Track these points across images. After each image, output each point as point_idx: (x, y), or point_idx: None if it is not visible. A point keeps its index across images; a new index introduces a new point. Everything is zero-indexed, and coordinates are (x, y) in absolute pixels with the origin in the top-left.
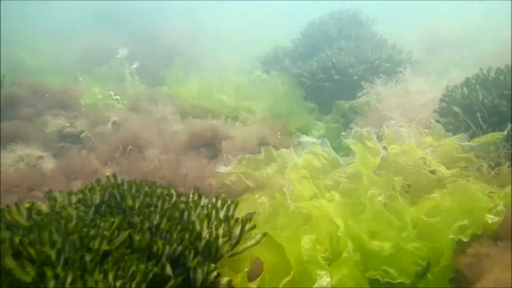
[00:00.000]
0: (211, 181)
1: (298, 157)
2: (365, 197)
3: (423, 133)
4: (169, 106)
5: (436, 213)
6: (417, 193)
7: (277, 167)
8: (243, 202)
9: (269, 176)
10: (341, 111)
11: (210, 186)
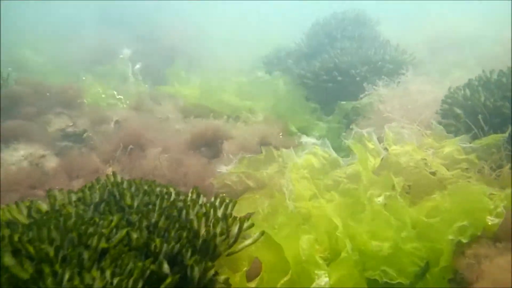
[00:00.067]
0: (212, 181)
1: (298, 158)
2: (364, 197)
3: (425, 134)
4: (171, 105)
5: (436, 214)
6: (417, 194)
7: (277, 167)
8: (242, 201)
9: (269, 176)
10: (344, 112)
11: (211, 185)
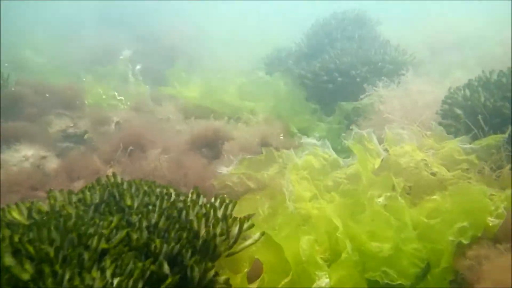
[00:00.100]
0: (212, 182)
1: (298, 158)
2: (364, 198)
3: (425, 135)
4: (172, 106)
5: (436, 215)
6: (418, 194)
7: (278, 168)
8: (243, 202)
9: (270, 177)
10: (344, 112)
11: (211, 186)
